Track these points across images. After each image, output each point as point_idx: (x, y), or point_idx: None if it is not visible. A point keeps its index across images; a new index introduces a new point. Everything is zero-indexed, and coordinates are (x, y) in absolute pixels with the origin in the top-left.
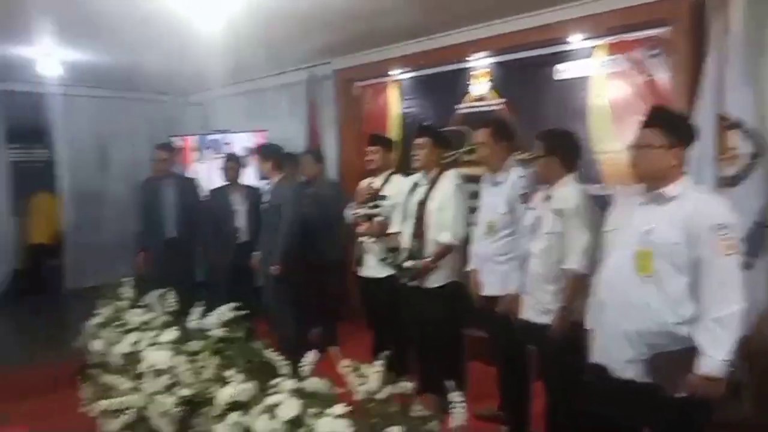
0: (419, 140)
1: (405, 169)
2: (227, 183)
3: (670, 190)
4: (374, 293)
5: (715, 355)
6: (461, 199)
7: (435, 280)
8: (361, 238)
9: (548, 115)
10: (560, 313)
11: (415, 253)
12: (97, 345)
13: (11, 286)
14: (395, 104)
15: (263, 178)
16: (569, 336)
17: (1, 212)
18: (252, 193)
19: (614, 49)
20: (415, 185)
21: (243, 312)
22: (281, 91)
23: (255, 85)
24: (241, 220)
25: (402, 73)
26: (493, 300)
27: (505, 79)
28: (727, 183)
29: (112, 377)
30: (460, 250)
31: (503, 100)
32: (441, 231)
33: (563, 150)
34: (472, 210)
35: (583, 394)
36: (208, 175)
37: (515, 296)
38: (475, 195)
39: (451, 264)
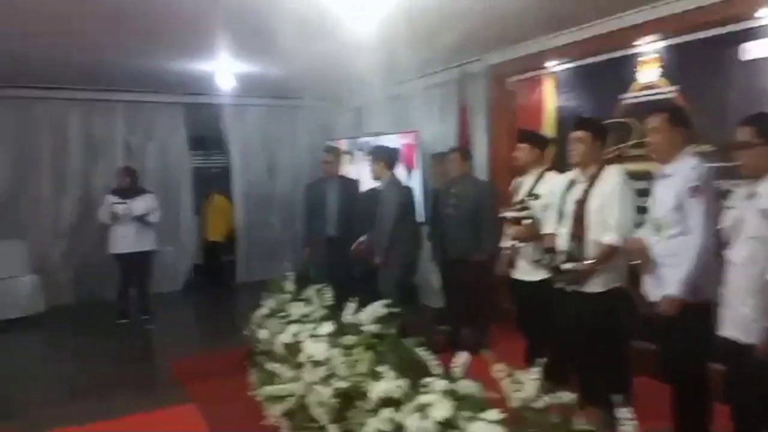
0: (576, 134)
1: (562, 166)
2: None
3: None
4: (527, 297)
5: None
6: (628, 195)
7: (596, 285)
8: (511, 241)
9: (732, 102)
10: (767, 332)
11: (573, 256)
12: (262, 334)
13: (192, 278)
14: (551, 98)
15: (376, 178)
16: None
17: (186, 212)
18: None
19: None
20: (572, 183)
21: (395, 309)
22: (432, 91)
23: (406, 88)
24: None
25: (558, 64)
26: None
27: (679, 63)
28: None
29: (275, 365)
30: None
31: (676, 86)
32: (604, 231)
33: None
34: (641, 210)
35: None
36: (358, 176)
37: (675, 300)
38: (643, 193)
39: (616, 267)
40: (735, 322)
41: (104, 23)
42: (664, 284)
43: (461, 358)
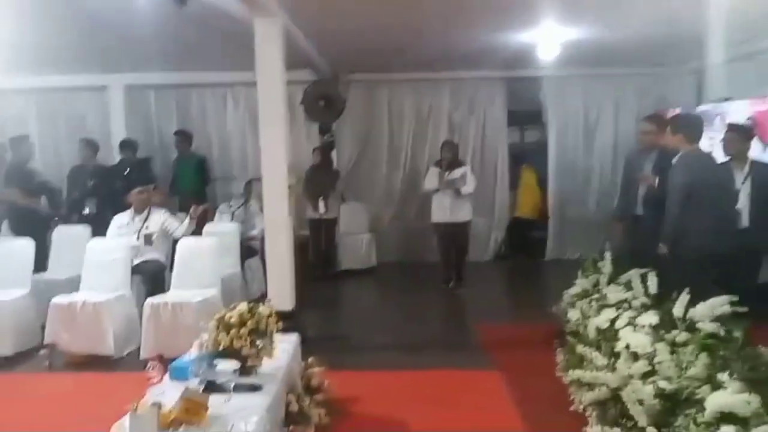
0: None
1: None
2: (729, 158)
3: None
4: None
5: None
6: None
7: None
8: None
9: None
10: None
11: None
12: (573, 314)
13: (503, 250)
14: None
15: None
16: None
17: (502, 186)
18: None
19: None
20: None
21: (741, 309)
22: None
23: (760, 45)
24: (743, 201)
25: None
26: None
27: None
28: None
29: (587, 350)
30: None
31: None
32: None
33: None
34: None
35: None
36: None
37: None
38: None
39: None
40: None
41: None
42: None
43: None
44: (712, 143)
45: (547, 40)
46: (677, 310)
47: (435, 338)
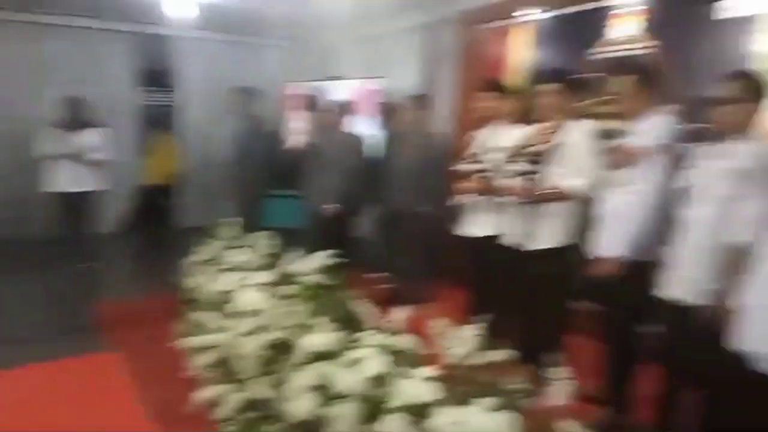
0: (545, 87)
1: (529, 118)
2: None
3: None
4: (475, 252)
5: None
6: (593, 149)
7: (547, 241)
8: (464, 195)
9: (702, 60)
10: (718, 295)
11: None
12: (191, 282)
13: (127, 222)
14: (522, 49)
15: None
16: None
17: (128, 151)
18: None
19: None
20: (534, 135)
21: (341, 260)
22: (402, 35)
23: (375, 30)
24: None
25: (530, 14)
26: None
27: (655, 19)
28: None
29: (201, 314)
30: (581, 209)
31: (652, 43)
32: (566, 179)
33: (762, 96)
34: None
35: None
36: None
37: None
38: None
39: (567, 223)
40: (683, 283)
41: None
42: (610, 241)
43: (401, 312)
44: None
45: None
46: (289, 266)
47: (46, 326)
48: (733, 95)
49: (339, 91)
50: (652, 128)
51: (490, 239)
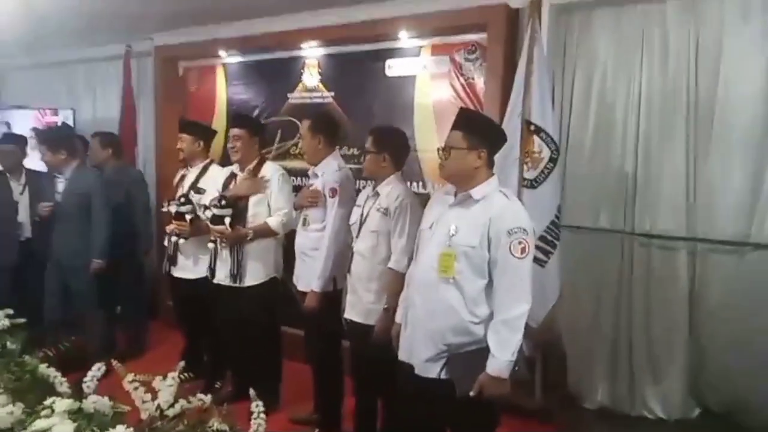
0: (235, 131)
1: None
2: (2, 171)
3: (476, 192)
4: (186, 294)
5: (501, 356)
6: (285, 188)
7: (253, 278)
8: (173, 237)
9: (378, 111)
10: (384, 314)
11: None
12: None
13: None
14: (222, 89)
15: (53, 167)
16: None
17: None
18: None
19: (438, 50)
20: (232, 176)
21: (19, 320)
22: (98, 65)
23: (61, 57)
24: (23, 214)
25: (230, 56)
26: (304, 295)
27: (335, 71)
28: (529, 185)
29: None
30: (280, 246)
31: (332, 93)
32: (266, 218)
33: (394, 148)
34: None
35: (392, 393)
36: None
37: (315, 294)
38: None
39: (270, 259)
40: (358, 307)
41: None
42: (308, 276)
43: (93, 371)
44: None
45: None
46: None
47: None
48: (368, 147)
49: (19, 121)
50: (326, 171)
51: (202, 281)
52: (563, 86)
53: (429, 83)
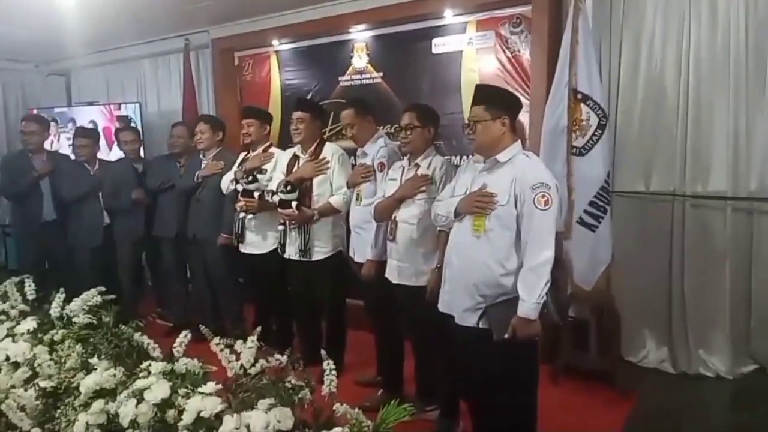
0: (299, 114)
1: (287, 142)
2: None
3: (502, 156)
4: (257, 269)
5: (529, 299)
6: (344, 168)
7: (321, 253)
8: (242, 213)
9: (426, 89)
10: (435, 274)
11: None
12: None
13: None
14: (276, 76)
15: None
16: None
17: None
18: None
19: (483, 24)
20: (295, 158)
21: (108, 297)
22: (157, 60)
23: (126, 54)
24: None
25: (282, 44)
26: (361, 266)
27: (383, 52)
28: (578, 152)
29: None
30: (342, 221)
31: (380, 73)
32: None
33: (436, 122)
34: None
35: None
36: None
37: (373, 262)
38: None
39: (336, 234)
40: (407, 271)
41: None
42: (363, 248)
43: (181, 338)
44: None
45: None
46: (54, 310)
47: None
48: (411, 123)
49: (88, 116)
50: (374, 149)
51: (269, 254)
52: (611, 53)
53: (475, 59)
